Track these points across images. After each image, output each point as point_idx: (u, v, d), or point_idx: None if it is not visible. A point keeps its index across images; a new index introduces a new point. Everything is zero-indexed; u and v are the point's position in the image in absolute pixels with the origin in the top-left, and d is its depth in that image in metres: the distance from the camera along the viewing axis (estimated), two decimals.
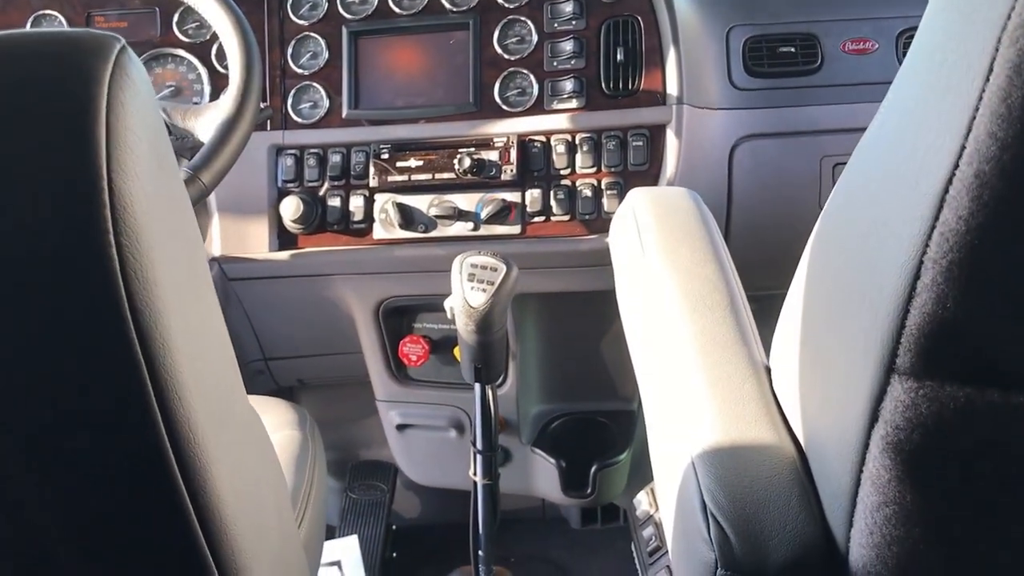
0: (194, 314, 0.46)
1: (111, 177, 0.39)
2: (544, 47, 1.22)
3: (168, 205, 0.45)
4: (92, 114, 0.39)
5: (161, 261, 0.41)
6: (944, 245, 0.36)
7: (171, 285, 0.42)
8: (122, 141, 0.40)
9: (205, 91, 1.27)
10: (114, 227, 0.39)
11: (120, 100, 0.40)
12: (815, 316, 0.49)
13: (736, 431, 0.53)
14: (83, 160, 0.39)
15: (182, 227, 0.47)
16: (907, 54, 0.42)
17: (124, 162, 0.39)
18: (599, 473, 1.44)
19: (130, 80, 0.41)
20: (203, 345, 0.46)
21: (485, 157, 1.20)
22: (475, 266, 0.94)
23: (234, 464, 0.48)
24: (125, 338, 0.39)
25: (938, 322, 0.37)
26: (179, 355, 0.41)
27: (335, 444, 1.74)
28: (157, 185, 0.43)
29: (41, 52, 0.41)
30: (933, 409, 0.39)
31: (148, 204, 0.41)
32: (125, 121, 0.40)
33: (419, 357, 1.36)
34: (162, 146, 0.45)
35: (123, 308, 0.39)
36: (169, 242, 0.43)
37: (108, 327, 0.40)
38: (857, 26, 1.27)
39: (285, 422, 1.02)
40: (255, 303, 1.35)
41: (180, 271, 0.45)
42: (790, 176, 1.27)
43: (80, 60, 0.40)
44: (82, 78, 0.40)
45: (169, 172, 0.46)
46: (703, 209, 0.76)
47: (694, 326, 0.61)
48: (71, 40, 0.41)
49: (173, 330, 0.41)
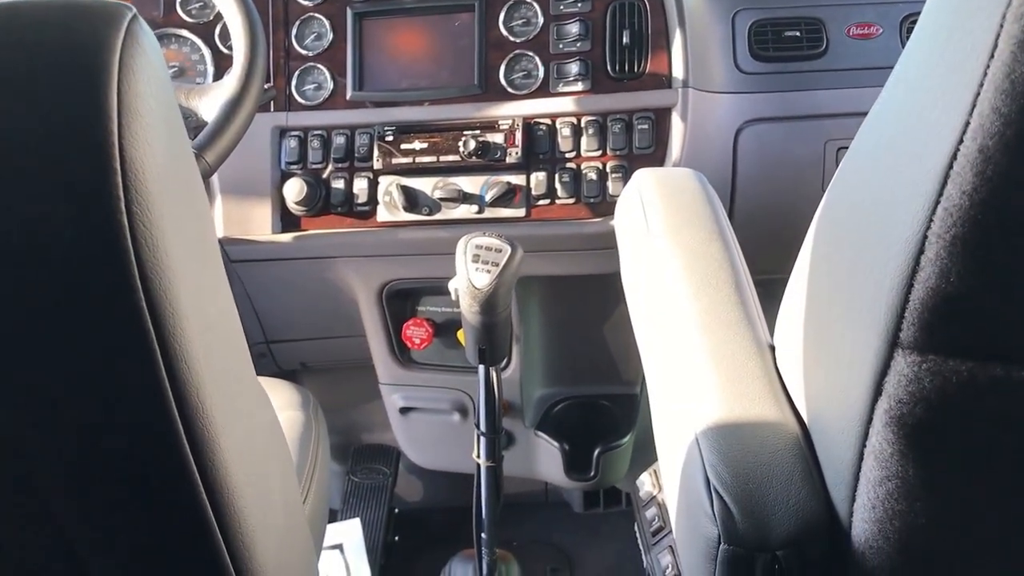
0: (204, 285, 0.46)
1: (123, 145, 0.39)
2: (550, 29, 1.22)
3: (179, 176, 0.45)
4: (104, 81, 0.39)
5: (172, 231, 0.41)
6: (948, 220, 0.36)
7: (181, 256, 0.42)
8: (134, 109, 0.39)
9: (208, 71, 1.26)
10: (125, 195, 0.39)
11: (132, 68, 0.40)
12: (820, 293, 0.49)
13: (740, 408, 0.53)
14: (94, 128, 0.38)
15: (192, 198, 0.47)
16: (912, 32, 0.42)
17: (136, 131, 0.39)
18: (602, 456, 1.45)
19: (141, 49, 0.41)
20: (212, 317, 0.46)
21: (490, 140, 1.20)
22: (480, 247, 0.94)
23: (242, 436, 0.48)
24: (135, 306, 0.40)
25: (942, 296, 0.37)
26: (188, 324, 0.41)
27: (337, 428, 1.75)
28: (169, 155, 0.42)
29: (53, 20, 0.40)
30: (936, 383, 0.39)
31: (160, 173, 0.41)
32: (137, 89, 0.40)
33: (422, 340, 1.36)
34: (173, 116, 0.45)
35: (133, 277, 0.39)
36: (180, 212, 0.43)
37: (118, 295, 0.40)
38: (861, 11, 1.27)
39: (288, 402, 1.02)
40: (258, 285, 1.35)
41: (190, 242, 0.45)
42: (794, 160, 1.27)
43: (92, 28, 0.40)
44: (93, 46, 0.39)
45: (180, 142, 0.46)
46: (708, 189, 0.76)
47: (699, 304, 0.61)
48: (82, 8, 0.41)
49: (183, 300, 0.41)
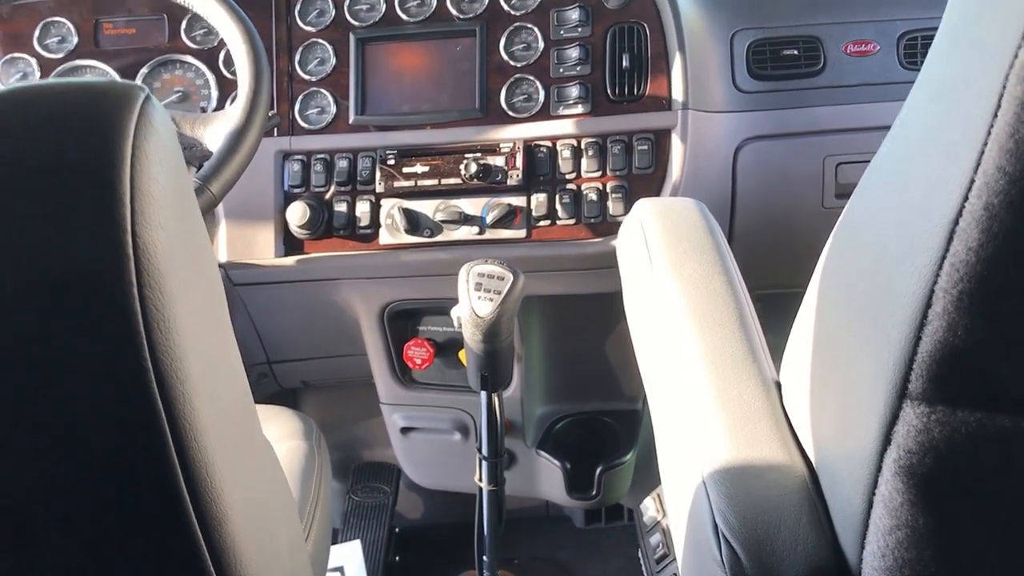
0: (213, 355, 0.47)
1: (135, 230, 0.39)
2: (550, 53, 1.23)
3: (190, 251, 0.45)
4: (117, 167, 0.39)
5: (183, 309, 0.42)
6: (954, 275, 0.36)
7: (192, 331, 0.42)
8: (146, 192, 0.40)
9: (212, 96, 1.27)
10: (138, 279, 0.39)
11: (145, 151, 0.40)
12: (827, 335, 0.49)
13: (747, 449, 0.53)
14: (108, 214, 0.39)
15: (203, 270, 0.47)
16: (916, 82, 0.42)
17: (148, 213, 0.40)
18: (604, 475, 1.45)
19: (154, 129, 0.41)
20: (221, 385, 0.47)
21: (491, 162, 1.20)
22: (482, 275, 0.95)
23: (249, 499, 0.48)
24: (145, 388, 0.40)
25: (949, 350, 0.38)
26: (198, 400, 0.42)
27: (338, 445, 1.75)
28: (180, 232, 0.43)
29: (66, 105, 0.41)
30: (945, 434, 0.39)
31: (171, 253, 0.41)
32: (149, 172, 0.40)
33: (424, 360, 1.36)
34: (185, 192, 0.46)
35: (144, 358, 0.40)
36: (191, 288, 0.44)
37: (129, 378, 0.40)
38: (859, 28, 1.28)
39: (292, 432, 1.02)
40: (260, 307, 1.36)
41: (201, 315, 0.45)
42: (793, 176, 1.28)
43: (106, 113, 0.40)
44: (108, 131, 0.40)
45: (192, 217, 0.46)
46: (710, 220, 0.76)
47: (703, 342, 0.61)
48: (96, 92, 0.41)
49: (193, 376, 0.42)
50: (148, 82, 1.28)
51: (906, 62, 1.28)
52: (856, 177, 1.36)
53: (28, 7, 1.29)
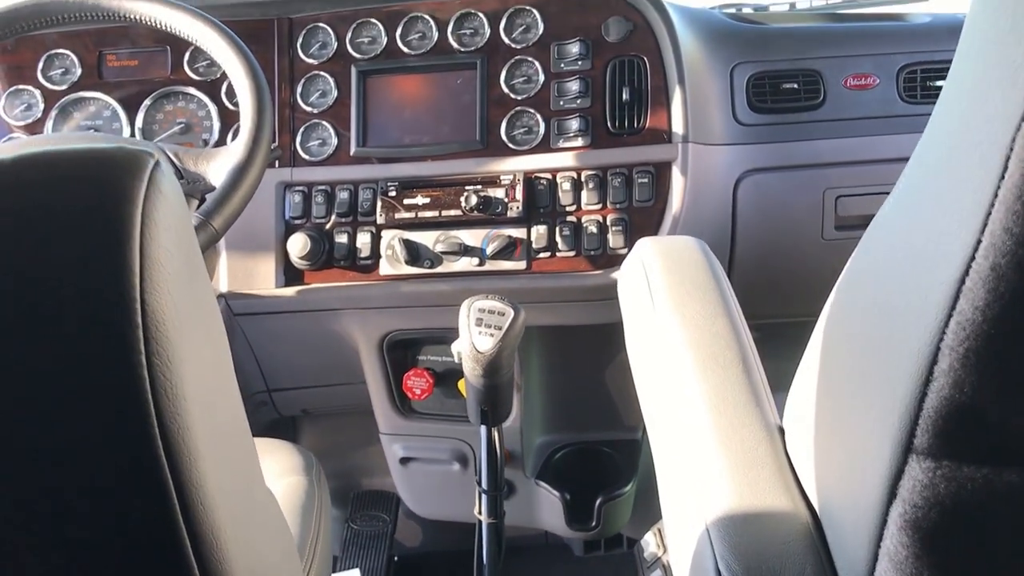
0: (220, 418, 0.47)
1: (144, 298, 0.39)
2: (551, 86, 1.23)
3: (198, 315, 0.45)
4: (126, 235, 0.39)
5: (191, 374, 0.42)
6: (961, 333, 0.36)
7: (199, 397, 0.42)
8: (155, 259, 0.40)
9: (215, 128, 1.27)
10: (146, 347, 0.39)
11: (154, 219, 0.40)
12: (831, 384, 0.49)
13: (750, 496, 0.53)
14: (116, 282, 0.39)
15: (210, 333, 0.47)
16: (921, 139, 0.42)
17: (156, 280, 0.40)
18: (604, 506, 1.44)
19: (163, 196, 0.42)
20: (227, 446, 0.47)
21: (491, 194, 1.21)
22: (483, 310, 0.95)
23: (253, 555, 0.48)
24: (153, 454, 0.40)
25: (956, 406, 0.38)
26: (204, 463, 0.42)
27: (336, 473, 1.74)
28: (188, 298, 0.43)
29: (76, 170, 0.41)
30: (951, 489, 0.39)
31: (179, 320, 0.41)
32: (158, 239, 0.40)
33: (423, 391, 1.36)
34: (193, 256, 0.46)
35: (152, 426, 0.40)
36: (198, 353, 0.44)
37: (136, 445, 0.40)
38: (859, 62, 1.29)
39: (292, 467, 1.02)
40: (260, 337, 1.36)
41: (208, 380, 0.45)
42: (793, 208, 1.29)
43: (114, 180, 0.40)
44: (117, 198, 0.40)
45: (200, 281, 0.46)
46: (712, 260, 0.76)
47: (706, 384, 0.61)
48: (105, 158, 0.41)
49: (200, 440, 0.42)
50: (151, 113, 1.29)
51: (906, 96, 1.29)
52: (856, 210, 1.37)
53: (32, 39, 1.30)
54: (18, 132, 1.30)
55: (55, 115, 1.29)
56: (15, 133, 1.30)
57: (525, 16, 1.25)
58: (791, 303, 1.37)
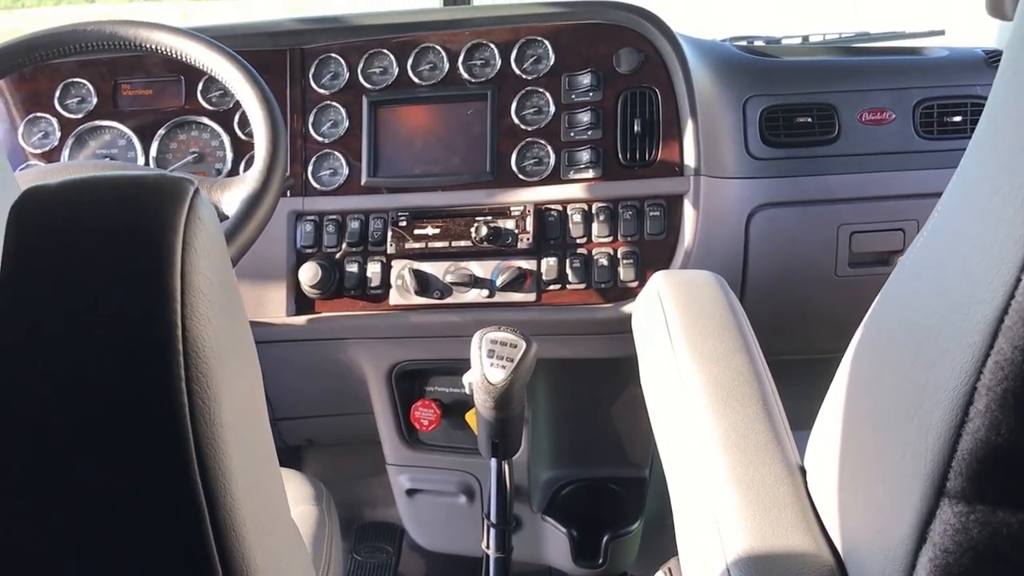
0: (253, 445, 0.47)
1: (185, 324, 0.40)
2: (561, 118, 1.23)
3: (235, 343, 0.45)
4: (168, 262, 0.40)
5: (228, 401, 0.42)
6: (999, 373, 0.35)
7: (236, 424, 0.43)
8: (195, 286, 0.40)
9: (228, 158, 1.28)
10: (186, 373, 0.39)
11: (194, 246, 0.41)
12: (858, 425, 0.48)
13: (772, 537, 0.51)
14: (159, 309, 0.39)
15: (245, 361, 0.48)
16: (954, 178, 0.42)
17: (197, 307, 0.40)
18: (611, 543, 1.42)
19: (202, 223, 0.42)
20: (259, 474, 0.47)
21: (501, 225, 1.20)
22: (495, 342, 0.94)
23: None
24: (189, 481, 0.40)
25: (991, 448, 0.37)
26: (238, 490, 0.42)
27: (341, 503, 1.72)
28: (226, 325, 0.43)
29: (118, 199, 0.42)
30: (985, 534, 0.38)
31: (218, 346, 0.41)
32: (198, 266, 0.41)
33: (431, 422, 1.35)
34: (230, 284, 0.46)
35: (190, 451, 0.40)
36: (235, 381, 0.44)
37: (173, 470, 0.40)
38: (875, 96, 1.29)
39: (303, 497, 1.01)
40: (268, 364, 1.34)
41: (243, 407, 0.45)
42: (807, 243, 1.28)
43: (157, 208, 0.41)
44: (159, 226, 0.40)
45: (236, 308, 0.47)
46: (729, 294, 0.75)
47: (726, 422, 0.60)
48: (147, 186, 0.42)
49: (234, 467, 0.42)
50: (164, 142, 1.29)
51: (922, 131, 1.28)
52: (871, 247, 1.35)
53: (50, 67, 1.31)
54: (35, 160, 1.30)
55: (71, 143, 1.29)
56: (32, 161, 1.30)
57: (536, 47, 1.25)
58: (804, 340, 1.36)
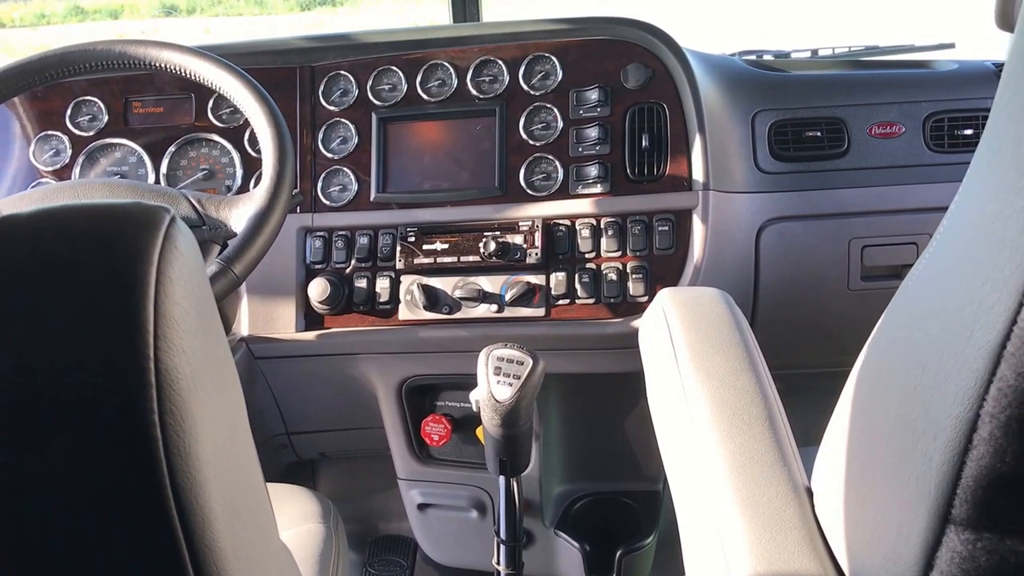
0: (235, 476, 0.46)
1: (158, 356, 0.39)
2: (569, 133, 1.23)
3: (213, 373, 0.44)
4: (140, 293, 0.39)
5: (204, 432, 0.41)
6: (1003, 400, 0.35)
7: (213, 456, 0.42)
8: (169, 316, 0.40)
9: (237, 175, 1.29)
10: (159, 406, 0.38)
11: (169, 276, 0.40)
12: (863, 449, 0.47)
13: (778, 561, 0.51)
14: (130, 339, 0.38)
15: (225, 391, 0.47)
16: (955, 201, 0.41)
17: (171, 338, 0.39)
18: (624, 558, 1.41)
19: (179, 253, 0.41)
20: (241, 505, 0.46)
21: (510, 240, 1.20)
22: (501, 359, 0.94)
23: None
24: (166, 515, 0.39)
25: (996, 475, 0.36)
26: (218, 524, 0.41)
27: (355, 517, 1.72)
28: (203, 355, 0.42)
29: (91, 228, 0.41)
30: (992, 562, 0.37)
31: (193, 378, 0.40)
32: (173, 296, 0.40)
33: (441, 437, 1.34)
34: (208, 313, 0.45)
35: (165, 486, 0.39)
36: (213, 412, 0.43)
37: (149, 505, 0.39)
38: (884, 110, 1.28)
39: (309, 514, 1.00)
40: (280, 380, 1.35)
41: (222, 438, 0.44)
42: (817, 258, 1.27)
43: (129, 237, 0.40)
44: (131, 256, 0.40)
45: (215, 337, 0.46)
46: (736, 312, 0.75)
47: (732, 442, 0.59)
48: (121, 215, 0.41)
49: (213, 500, 0.41)
50: (175, 160, 1.30)
51: (933, 144, 1.27)
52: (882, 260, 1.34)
53: (61, 86, 1.32)
54: (47, 177, 1.31)
55: (82, 161, 1.31)
56: (44, 178, 1.31)
57: (544, 63, 1.25)
58: (816, 354, 1.35)
